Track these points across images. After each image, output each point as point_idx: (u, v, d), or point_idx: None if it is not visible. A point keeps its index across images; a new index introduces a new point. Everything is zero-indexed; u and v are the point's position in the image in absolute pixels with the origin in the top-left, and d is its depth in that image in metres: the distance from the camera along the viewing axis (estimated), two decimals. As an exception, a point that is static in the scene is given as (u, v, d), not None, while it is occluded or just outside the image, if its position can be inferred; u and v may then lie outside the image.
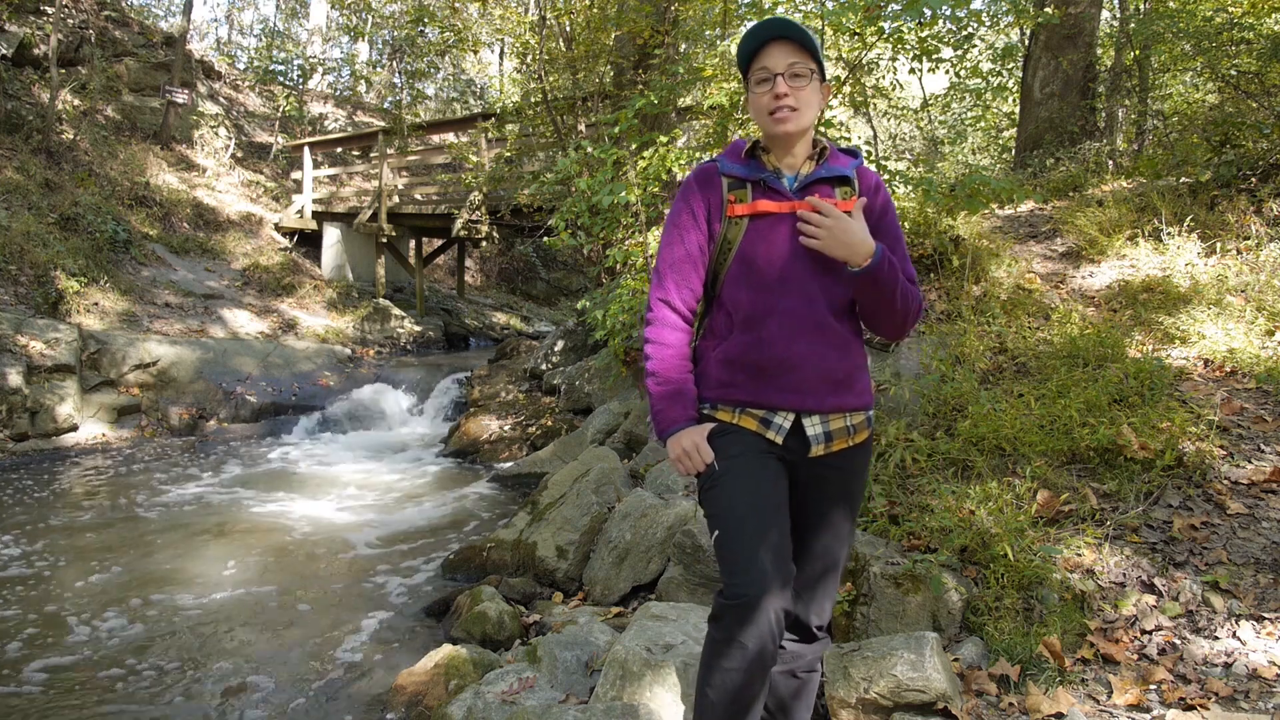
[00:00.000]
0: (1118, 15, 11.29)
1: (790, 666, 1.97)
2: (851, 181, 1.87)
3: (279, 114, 17.27)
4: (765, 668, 1.71)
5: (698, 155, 6.42)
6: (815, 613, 1.93)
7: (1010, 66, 11.44)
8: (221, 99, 16.91)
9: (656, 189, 5.86)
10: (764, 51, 1.80)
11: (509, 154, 10.83)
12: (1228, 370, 3.94)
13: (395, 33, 20.10)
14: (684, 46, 8.92)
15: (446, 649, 3.18)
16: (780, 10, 6.39)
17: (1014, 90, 11.41)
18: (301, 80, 19.37)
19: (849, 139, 6.90)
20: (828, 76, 1.89)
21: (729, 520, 1.77)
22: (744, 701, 1.72)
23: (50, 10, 12.40)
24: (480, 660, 3.14)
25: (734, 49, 5.62)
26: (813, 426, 1.83)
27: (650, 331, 1.91)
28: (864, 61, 7.39)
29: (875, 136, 13.60)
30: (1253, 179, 5.56)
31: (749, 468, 1.80)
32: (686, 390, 1.87)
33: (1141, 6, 10.23)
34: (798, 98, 1.78)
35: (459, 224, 11.41)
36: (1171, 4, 8.66)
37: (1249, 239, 5.02)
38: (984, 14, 10.11)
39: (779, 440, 1.82)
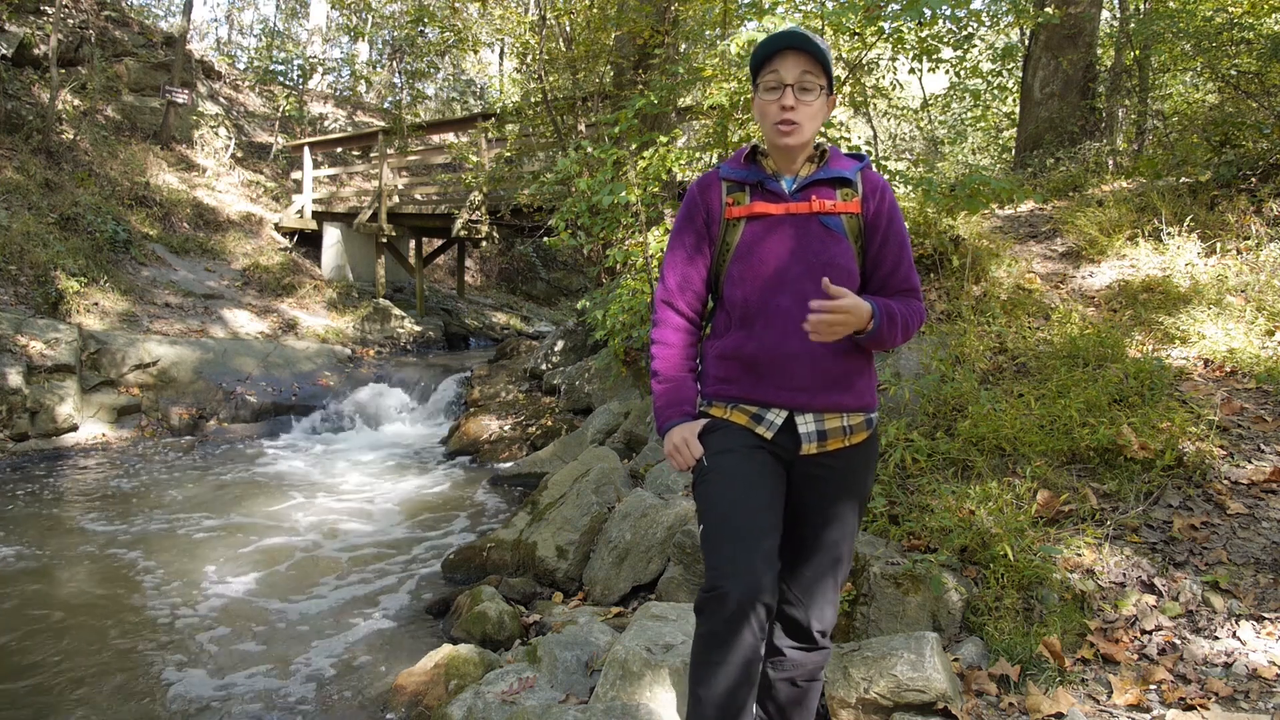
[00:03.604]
0: (1118, 15, 11.29)
1: (790, 674, 1.96)
2: (852, 183, 1.88)
3: (279, 114, 17.27)
4: (749, 662, 1.71)
5: (698, 155, 6.42)
6: (816, 617, 1.91)
7: (1010, 66, 11.43)
8: (221, 99, 16.90)
9: (656, 189, 5.86)
10: (778, 58, 1.82)
11: (509, 154, 10.83)
12: (1228, 370, 3.94)
13: (395, 33, 20.09)
14: (684, 46, 8.92)
15: (446, 649, 3.18)
16: (780, 10, 6.38)
17: (1014, 90, 11.41)
18: (301, 80, 19.36)
19: (849, 139, 6.90)
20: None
21: (711, 514, 1.80)
22: (731, 697, 1.72)
23: (50, 10, 12.40)
24: (480, 660, 3.15)
25: (734, 49, 5.62)
26: (805, 424, 1.83)
27: (654, 333, 1.97)
28: (864, 61, 7.39)
29: (875, 136, 13.59)
30: (1253, 179, 5.56)
31: (735, 463, 1.81)
32: (685, 388, 1.92)
33: (1141, 6, 10.22)
34: (803, 111, 1.81)
35: (459, 224, 11.41)
36: (1171, 4, 8.65)
37: (1249, 239, 5.02)
38: (984, 14, 10.10)
39: (769, 435, 1.84)
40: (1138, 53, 9.19)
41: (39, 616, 3.96)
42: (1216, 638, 2.54)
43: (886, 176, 5.91)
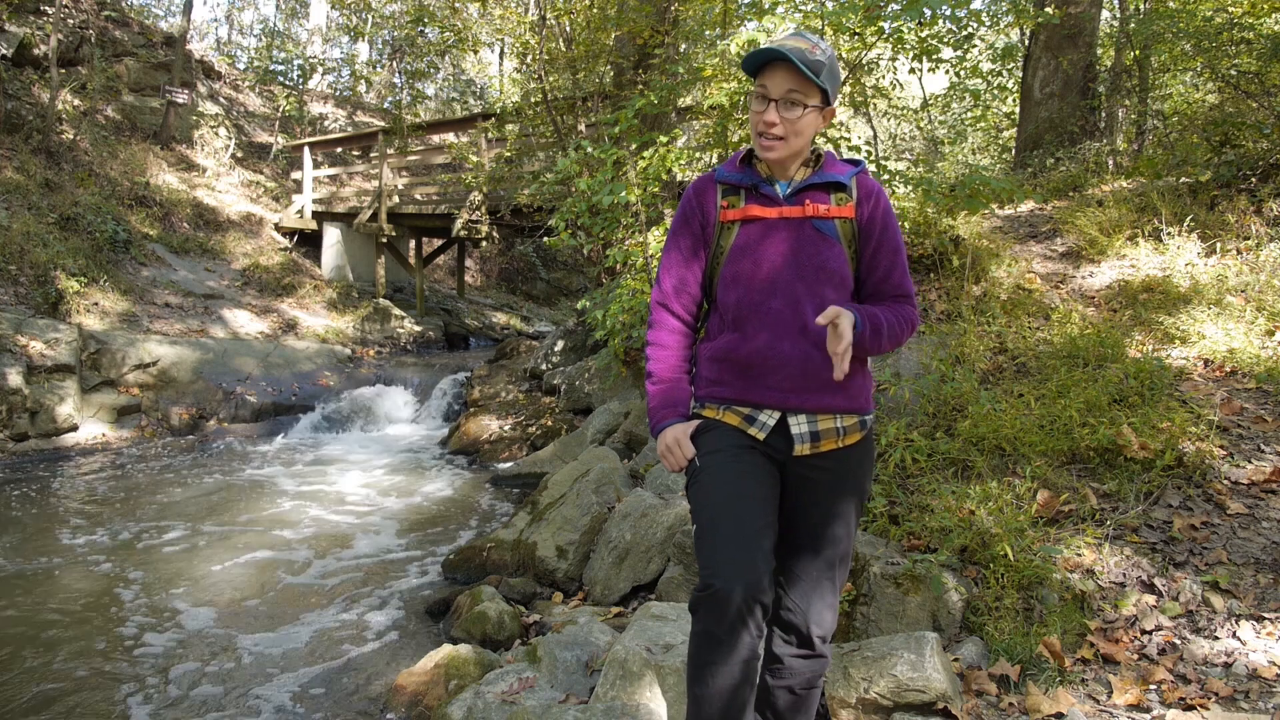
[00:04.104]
0: (1118, 15, 11.30)
1: (789, 682, 1.94)
2: (847, 188, 1.88)
3: (279, 114, 17.26)
4: (747, 660, 1.71)
5: (698, 155, 6.42)
6: (815, 622, 1.89)
7: (1010, 66, 11.44)
8: (221, 99, 16.91)
9: (656, 189, 5.86)
10: (766, 70, 1.81)
11: (509, 154, 10.83)
12: (1228, 370, 3.94)
13: (395, 33, 20.10)
14: (684, 46, 8.92)
15: (446, 649, 3.18)
16: (780, 10, 6.38)
17: (1014, 90, 11.41)
18: (301, 80, 19.36)
19: (849, 139, 6.90)
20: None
21: (704, 513, 1.81)
22: (731, 696, 1.71)
23: (50, 10, 12.40)
24: (480, 660, 3.15)
25: (734, 49, 5.62)
26: (798, 425, 1.84)
27: (650, 335, 1.98)
28: (864, 61, 7.39)
29: (875, 136, 13.61)
30: (1253, 179, 5.56)
31: (727, 463, 1.82)
32: (679, 390, 1.93)
33: (1141, 6, 10.23)
34: (786, 127, 1.80)
35: (459, 224, 11.41)
36: (1171, 4, 8.66)
37: (1249, 239, 5.02)
38: (984, 14, 10.11)
39: (761, 436, 1.84)
40: (1138, 53, 9.19)
41: (37, 617, 3.96)
42: (1216, 638, 2.54)
43: (886, 177, 5.91)
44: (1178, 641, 2.55)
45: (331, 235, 13.39)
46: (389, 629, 3.89)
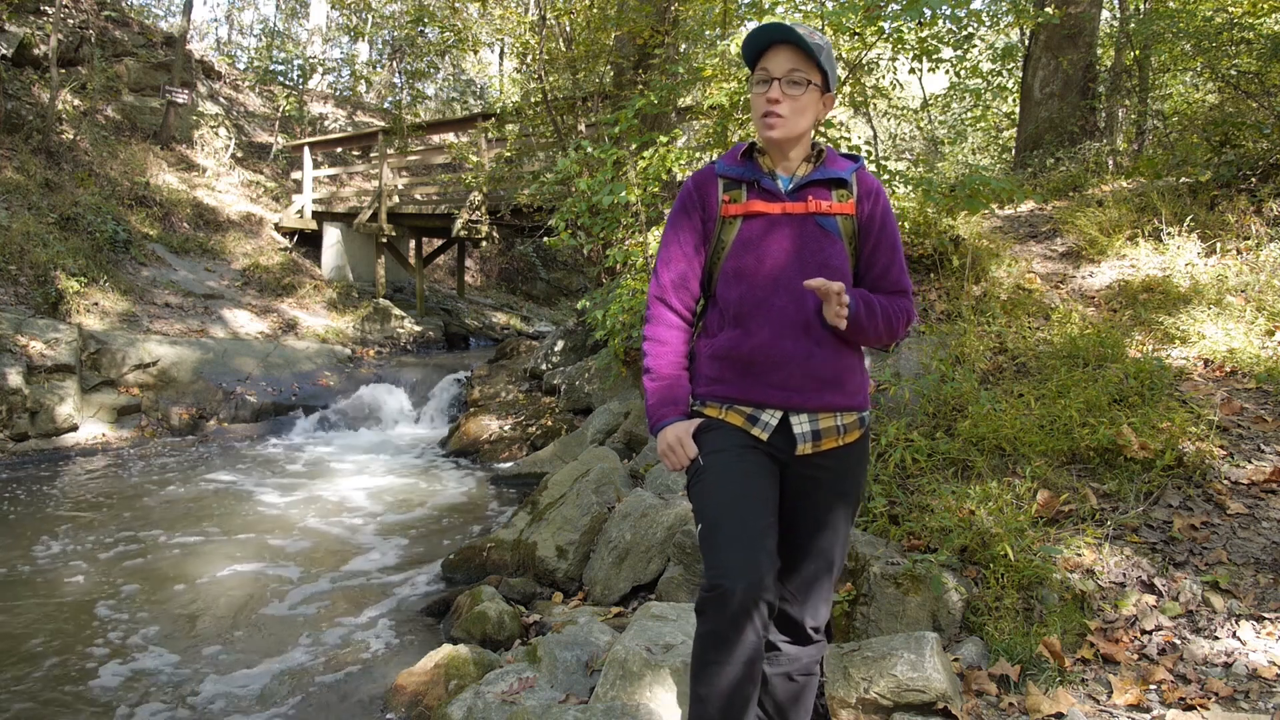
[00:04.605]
0: (1118, 15, 11.30)
1: (786, 669, 1.96)
2: (848, 184, 1.88)
3: (279, 114, 17.26)
4: (752, 661, 1.71)
5: (698, 155, 6.42)
6: (810, 614, 1.92)
7: (1010, 66, 11.45)
8: (221, 99, 16.90)
9: (656, 189, 5.87)
10: (768, 53, 1.83)
11: (509, 154, 10.83)
12: (1228, 370, 3.94)
13: (395, 33, 20.10)
14: (684, 46, 8.92)
15: (446, 649, 3.18)
16: (780, 10, 6.39)
17: (1014, 90, 11.42)
18: (301, 80, 19.36)
19: (848, 139, 6.90)
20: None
21: (708, 513, 1.80)
22: (734, 696, 1.72)
23: (50, 10, 12.40)
24: (480, 660, 3.15)
25: (734, 49, 5.63)
26: (800, 424, 1.83)
27: (648, 330, 1.96)
28: (864, 61, 7.39)
29: (875, 136, 13.61)
30: (1253, 179, 5.56)
31: (731, 462, 1.81)
32: (678, 387, 1.92)
33: (1141, 6, 10.23)
34: (790, 105, 1.80)
35: (459, 224, 11.41)
36: (1171, 4, 8.66)
37: (1249, 239, 5.02)
38: (984, 14, 10.11)
39: (764, 436, 1.84)
40: (1138, 53, 9.19)
41: (37, 617, 3.95)
42: (1216, 638, 2.54)
43: (886, 177, 5.92)
44: (1178, 641, 2.55)
45: (331, 235, 13.39)
46: (389, 629, 3.89)
